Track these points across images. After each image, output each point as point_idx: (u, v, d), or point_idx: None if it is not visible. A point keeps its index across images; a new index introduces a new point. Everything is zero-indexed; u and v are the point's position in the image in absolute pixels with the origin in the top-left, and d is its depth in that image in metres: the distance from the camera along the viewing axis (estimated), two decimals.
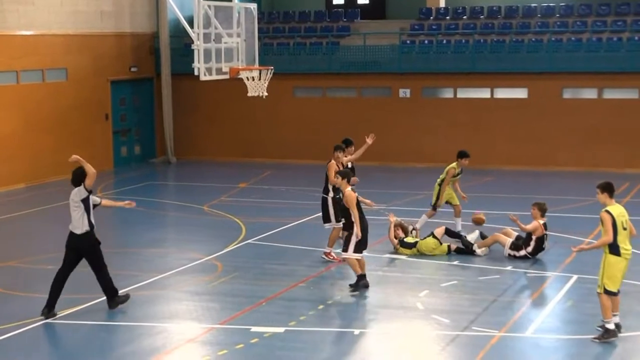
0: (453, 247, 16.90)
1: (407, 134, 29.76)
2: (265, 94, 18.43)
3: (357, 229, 14.30)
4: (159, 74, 31.42)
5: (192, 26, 17.22)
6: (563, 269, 15.69)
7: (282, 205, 22.57)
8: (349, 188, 14.64)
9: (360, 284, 14.53)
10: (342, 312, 13.79)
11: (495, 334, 12.33)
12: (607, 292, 12.02)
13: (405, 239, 17.09)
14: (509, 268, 15.88)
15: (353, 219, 14.41)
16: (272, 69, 18.55)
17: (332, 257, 16.43)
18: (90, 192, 13.55)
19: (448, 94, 29.94)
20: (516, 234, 16.83)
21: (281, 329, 12.60)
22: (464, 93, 29.57)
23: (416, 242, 16.96)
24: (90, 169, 13.55)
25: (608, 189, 12.21)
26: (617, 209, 12.17)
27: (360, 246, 14.52)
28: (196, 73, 17.14)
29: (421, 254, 16.86)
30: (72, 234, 13.60)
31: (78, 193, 13.51)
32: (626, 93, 27.93)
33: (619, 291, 12.22)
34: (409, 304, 13.88)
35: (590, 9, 30.71)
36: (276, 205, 22.73)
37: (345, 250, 14.57)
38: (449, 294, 14.42)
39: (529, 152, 28.57)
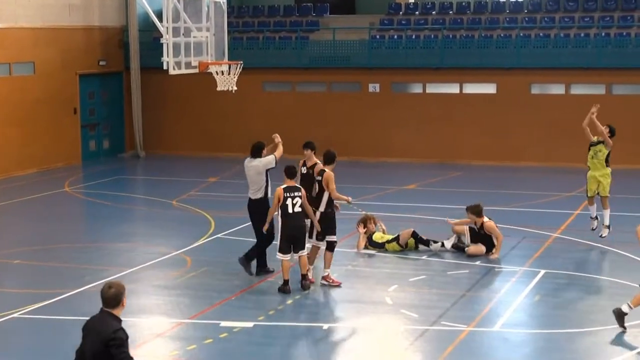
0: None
1: (377, 128, 29.79)
2: (235, 88, 18.36)
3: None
4: (128, 68, 31.22)
5: (161, 20, 17.11)
6: (531, 264, 15.77)
7: None
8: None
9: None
10: (311, 307, 13.78)
11: (464, 328, 12.37)
12: None
13: (373, 237, 17.03)
14: (477, 263, 15.93)
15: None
16: (241, 64, 18.49)
17: (331, 281, 14.63)
18: (276, 164, 15.44)
19: (417, 89, 30.00)
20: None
21: (250, 324, 12.57)
22: (433, 88, 29.64)
23: (383, 244, 16.89)
24: (281, 150, 16.04)
25: None
26: None
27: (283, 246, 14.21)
28: (165, 67, 17.03)
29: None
30: (251, 199, 15.42)
31: (267, 163, 15.41)
32: (593, 89, 28.12)
33: None
34: (378, 299, 13.89)
35: (558, 4, 30.89)
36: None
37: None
38: (418, 289, 14.45)
39: (497, 147, 28.70)
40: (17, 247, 17.49)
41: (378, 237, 17.04)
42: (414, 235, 16.67)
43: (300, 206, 14.23)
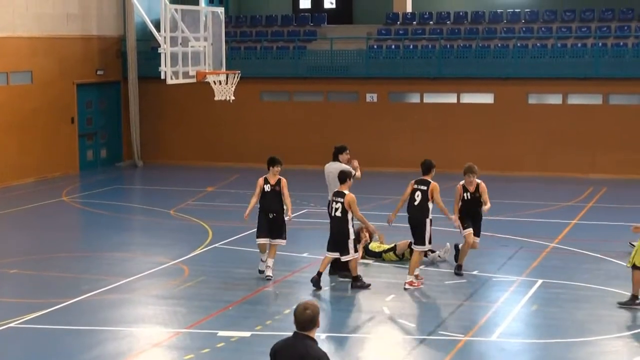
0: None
1: (374, 138, 29.81)
2: (232, 98, 18.38)
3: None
4: (126, 77, 31.26)
5: (159, 30, 17.13)
6: (528, 274, 15.77)
7: None
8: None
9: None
10: None
11: (461, 338, 12.36)
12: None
13: (370, 246, 17.02)
14: (474, 272, 15.93)
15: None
16: (239, 73, 18.51)
17: (418, 284, 14.99)
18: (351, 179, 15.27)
19: (415, 98, 30.04)
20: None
21: (247, 334, 12.56)
22: (431, 98, 29.68)
23: (380, 253, 16.89)
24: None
25: None
26: None
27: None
28: (163, 77, 17.05)
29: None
30: None
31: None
32: (590, 99, 28.18)
33: None
34: (376, 308, 13.89)
35: (556, 15, 30.96)
36: (243, 209, 22.50)
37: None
38: (415, 298, 14.45)
39: (494, 156, 28.72)
40: (14, 257, 17.48)
41: (375, 246, 17.03)
42: (410, 245, 16.63)
43: (341, 212, 14.67)
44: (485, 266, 16.35)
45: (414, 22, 32.27)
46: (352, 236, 14.77)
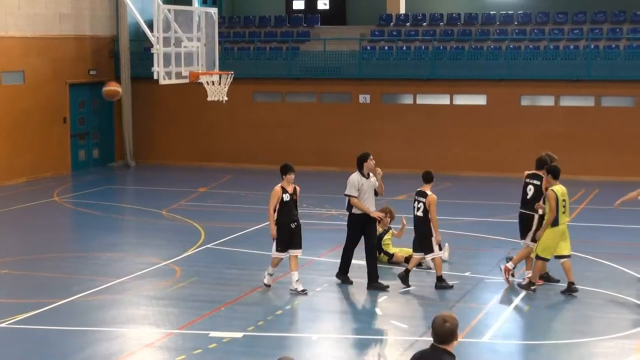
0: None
1: (366, 139, 29.78)
2: (225, 98, 18.35)
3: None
4: (119, 77, 31.19)
5: (152, 30, 17.10)
6: (520, 275, 15.77)
7: (242, 210, 22.51)
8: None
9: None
10: (301, 317, 13.78)
11: None
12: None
13: (383, 245, 16.83)
14: (467, 274, 15.94)
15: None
16: (232, 74, 18.48)
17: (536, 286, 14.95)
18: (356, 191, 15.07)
19: (408, 100, 30.05)
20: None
21: (239, 334, 12.55)
22: (424, 99, 29.69)
23: (392, 255, 16.80)
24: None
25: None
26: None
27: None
28: (155, 77, 17.00)
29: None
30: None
31: (352, 182, 15.13)
32: (582, 101, 28.23)
33: None
34: (368, 309, 13.89)
35: (548, 17, 31.01)
36: (235, 210, 22.68)
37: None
38: (408, 300, 14.46)
39: (487, 158, 28.76)
40: (5, 257, 17.44)
41: (387, 239, 16.85)
42: (407, 260, 16.59)
43: (423, 211, 14.75)
44: (478, 267, 16.37)
45: (407, 24, 32.29)
46: (434, 234, 14.81)
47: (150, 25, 17.51)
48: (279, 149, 30.41)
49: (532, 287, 14.79)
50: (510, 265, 15.16)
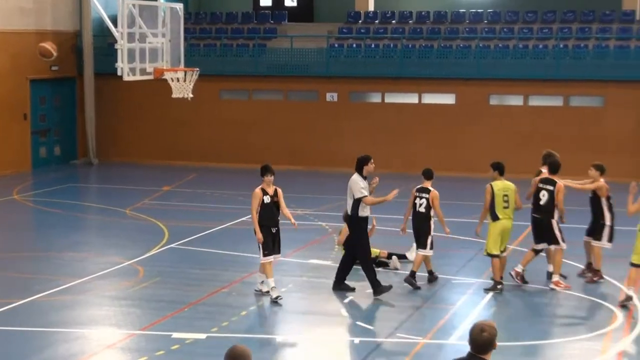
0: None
1: (334, 138, 29.84)
2: (191, 95, 18.32)
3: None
4: (82, 73, 31.00)
5: (116, 25, 17.02)
6: (487, 276, 15.85)
7: (207, 210, 22.46)
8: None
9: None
10: (265, 318, 13.76)
11: (420, 340, 12.41)
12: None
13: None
14: (434, 275, 16.00)
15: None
16: (197, 71, 18.45)
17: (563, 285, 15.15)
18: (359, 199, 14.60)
19: (376, 98, 30.12)
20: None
21: (203, 336, 12.51)
22: (392, 98, 29.77)
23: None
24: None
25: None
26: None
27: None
28: (119, 73, 16.94)
29: None
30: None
31: (354, 187, 14.58)
32: (551, 100, 28.45)
33: None
34: (333, 311, 13.90)
35: (518, 16, 31.21)
36: (200, 209, 22.61)
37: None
38: (374, 300, 14.47)
39: (455, 157, 28.88)
40: None
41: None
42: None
43: (425, 207, 15.02)
44: (445, 268, 16.43)
45: (376, 21, 32.35)
46: (432, 232, 15.15)
47: (114, 21, 17.42)
48: (245, 147, 30.38)
49: (499, 287, 14.91)
50: (519, 268, 15.31)
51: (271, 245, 14.18)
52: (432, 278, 15.52)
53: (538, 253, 15.42)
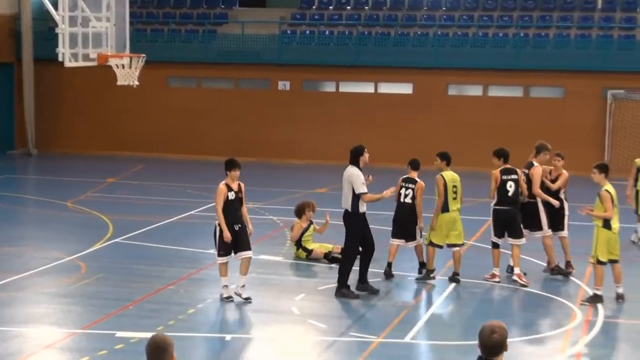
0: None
1: (286, 128, 29.82)
2: (136, 83, 18.22)
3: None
4: (20, 59, 30.64)
5: (56, 8, 16.85)
6: (445, 273, 15.95)
7: (153, 203, 22.35)
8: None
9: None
10: (214, 316, 13.72)
11: (374, 339, 12.44)
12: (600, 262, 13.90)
13: (303, 240, 16.85)
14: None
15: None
16: (144, 57, 18.35)
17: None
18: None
19: (330, 87, 30.14)
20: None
21: (148, 334, 12.34)
22: (347, 87, 29.82)
23: (311, 251, 16.81)
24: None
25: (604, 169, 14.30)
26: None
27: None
28: (61, 59, 16.79)
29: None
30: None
31: (354, 182, 14.32)
32: (511, 91, 28.68)
33: None
34: (284, 308, 13.89)
35: (477, 3, 31.39)
36: (146, 202, 22.49)
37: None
38: (327, 298, 14.49)
39: (412, 149, 28.91)
40: None
41: (308, 241, 16.86)
42: (326, 256, 16.65)
43: (411, 198, 15.30)
44: (401, 264, 16.47)
45: (330, 7, 32.35)
46: (419, 223, 15.40)
47: (55, 3, 17.25)
48: (194, 137, 30.26)
49: (432, 275, 15.30)
50: (517, 270, 15.34)
51: (229, 245, 13.80)
52: (421, 269, 15.80)
53: (497, 246, 15.51)
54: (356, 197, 14.22)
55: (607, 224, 13.93)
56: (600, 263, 13.95)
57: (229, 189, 13.84)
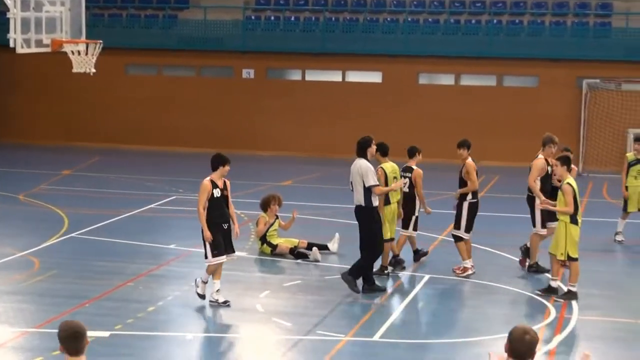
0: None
1: (251, 118, 29.76)
2: (93, 70, 18.11)
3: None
4: None
5: None
6: (415, 269, 15.99)
7: (112, 196, 22.25)
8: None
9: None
10: (175, 314, 13.66)
11: (341, 338, 12.44)
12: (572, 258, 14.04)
13: (268, 235, 16.81)
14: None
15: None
16: (101, 43, 18.21)
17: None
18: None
19: (296, 75, 30.10)
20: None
21: (106, 333, 12.37)
22: (313, 75, 29.79)
23: (276, 246, 16.78)
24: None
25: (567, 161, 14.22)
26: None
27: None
28: (12, 45, 16.62)
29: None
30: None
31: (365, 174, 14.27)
32: (484, 80, 28.79)
33: None
34: (248, 306, 13.86)
35: None
36: (104, 195, 22.38)
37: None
38: (292, 295, 14.49)
39: (382, 140, 28.95)
40: None
41: (273, 235, 16.82)
42: (292, 252, 16.64)
43: (409, 187, 15.68)
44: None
45: None
46: (417, 213, 15.73)
47: None
48: (154, 127, 30.12)
49: (386, 271, 15.45)
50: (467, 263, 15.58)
51: (222, 243, 13.59)
52: (417, 257, 16.21)
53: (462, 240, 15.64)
54: (368, 191, 14.16)
55: (574, 219, 14.04)
56: (572, 259, 14.06)
57: (214, 185, 13.55)
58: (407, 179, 15.73)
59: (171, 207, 20.76)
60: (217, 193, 13.53)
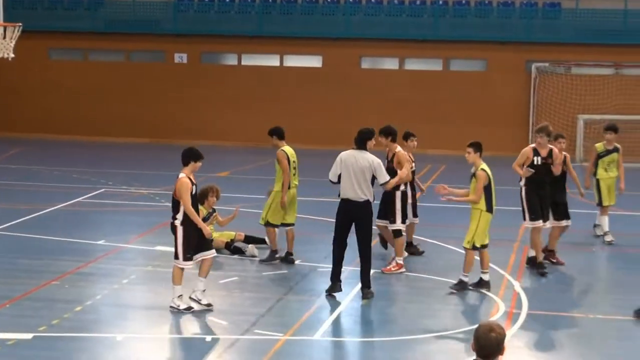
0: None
1: (184, 105, 29.67)
2: (12, 55, 17.96)
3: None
4: None
5: None
6: (358, 263, 16.06)
7: (35, 189, 22.08)
8: None
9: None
10: (103, 314, 13.61)
11: (280, 337, 12.48)
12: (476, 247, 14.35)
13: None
14: (298, 262, 16.14)
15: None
16: (20, 26, 18.05)
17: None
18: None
19: (231, 60, 30.07)
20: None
21: (29, 335, 12.29)
22: (250, 60, 29.78)
23: (212, 241, 16.74)
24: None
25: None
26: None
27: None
28: None
29: None
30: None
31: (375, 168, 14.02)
32: (430, 64, 28.99)
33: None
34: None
35: None
36: (27, 188, 22.19)
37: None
38: (228, 292, 14.50)
39: (323, 128, 29.10)
40: None
41: (209, 225, 16.81)
42: (228, 246, 16.67)
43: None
44: (309, 255, 16.58)
45: None
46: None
47: None
48: (80, 116, 29.91)
49: (277, 256, 15.96)
50: (399, 259, 15.73)
51: (194, 245, 13.36)
52: (413, 250, 16.46)
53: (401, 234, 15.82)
54: (371, 186, 14.06)
55: (489, 207, 14.31)
56: (476, 249, 14.35)
57: (192, 182, 13.27)
58: (412, 164, 16.10)
59: (99, 200, 20.64)
60: (194, 190, 13.33)
